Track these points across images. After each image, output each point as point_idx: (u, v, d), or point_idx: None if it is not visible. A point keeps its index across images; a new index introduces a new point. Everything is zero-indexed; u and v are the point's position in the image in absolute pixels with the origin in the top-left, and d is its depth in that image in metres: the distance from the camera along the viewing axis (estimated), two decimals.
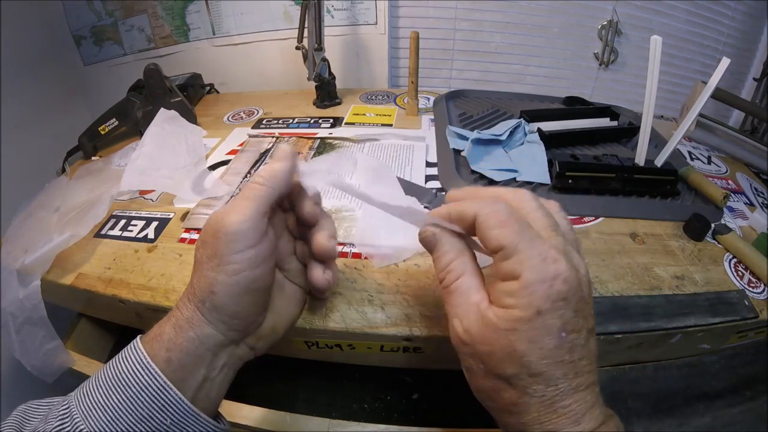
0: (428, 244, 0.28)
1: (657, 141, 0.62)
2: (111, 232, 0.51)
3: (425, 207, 0.50)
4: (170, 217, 0.52)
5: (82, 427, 0.24)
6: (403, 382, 0.45)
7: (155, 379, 0.25)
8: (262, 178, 0.28)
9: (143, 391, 0.25)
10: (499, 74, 0.99)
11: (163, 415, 0.25)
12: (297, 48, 0.73)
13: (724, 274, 0.44)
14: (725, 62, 0.47)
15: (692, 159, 0.64)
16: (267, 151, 0.64)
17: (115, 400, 0.24)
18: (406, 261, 0.43)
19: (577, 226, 0.49)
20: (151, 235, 0.49)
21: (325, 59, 0.76)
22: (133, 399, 0.24)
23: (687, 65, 0.98)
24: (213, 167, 0.62)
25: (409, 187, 0.53)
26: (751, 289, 0.43)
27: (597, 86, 1.00)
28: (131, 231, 0.50)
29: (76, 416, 0.24)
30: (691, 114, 0.53)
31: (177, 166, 0.59)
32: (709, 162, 0.65)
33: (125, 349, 0.26)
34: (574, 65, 0.98)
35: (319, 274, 0.32)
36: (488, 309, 0.23)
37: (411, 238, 0.44)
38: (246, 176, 0.58)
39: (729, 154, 0.67)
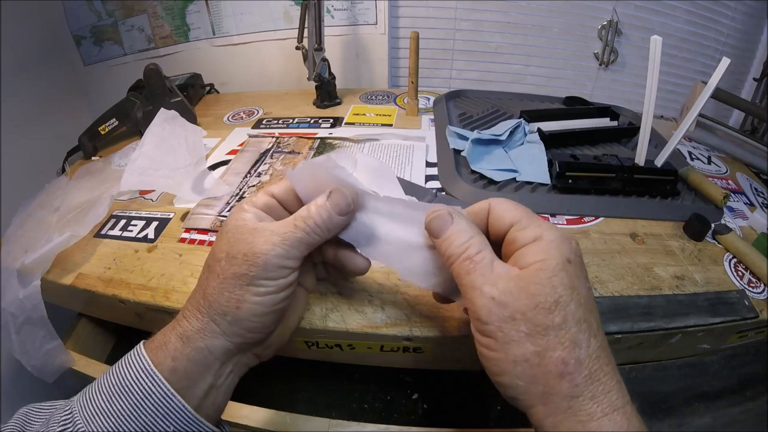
0: (442, 221, 0.27)
1: (657, 141, 0.62)
2: (111, 232, 0.51)
3: None
4: (170, 217, 0.52)
5: None
6: (403, 382, 0.45)
7: (159, 386, 0.25)
8: (320, 229, 0.27)
9: (147, 398, 0.24)
10: (499, 74, 0.99)
11: (167, 422, 0.25)
12: (297, 48, 0.73)
13: (724, 274, 0.44)
14: (725, 62, 0.47)
15: (692, 159, 0.64)
16: (267, 151, 0.64)
17: (118, 406, 0.24)
18: None
19: (577, 226, 0.49)
20: (151, 235, 0.49)
21: (325, 59, 0.76)
22: (137, 406, 0.24)
23: (687, 65, 0.98)
24: (213, 167, 0.62)
25: (409, 187, 0.53)
26: (751, 289, 0.43)
27: (597, 86, 1.00)
28: (131, 231, 0.50)
29: (78, 421, 0.24)
30: (691, 114, 0.53)
31: (177, 166, 0.59)
32: (709, 162, 0.65)
33: (128, 355, 0.26)
34: (574, 65, 0.98)
35: (359, 259, 0.31)
36: (520, 270, 0.24)
37: None
38: (246, 176, 0.58)
39: (729, 154, 0.67)
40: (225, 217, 0.49)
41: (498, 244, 0.28)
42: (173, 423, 0.25)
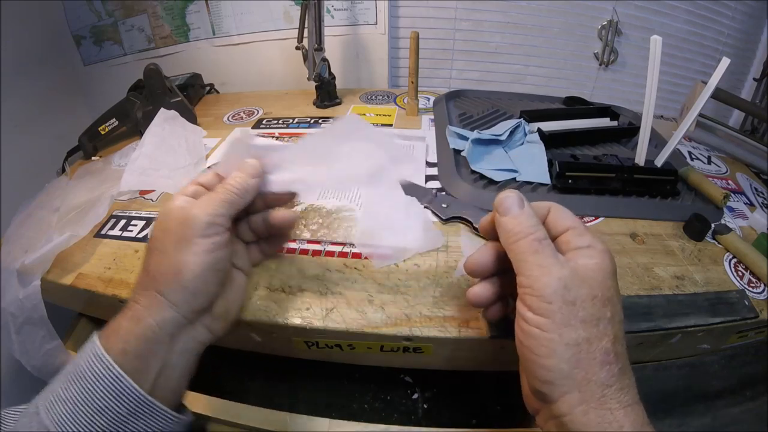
0: (514, 201, 0.29)
1: (657, 141, 0.62)
2: (111, 232, 0.51)
3: (425, 207, 0.50)
4: None
5: (47, 422, 0.25)
6: (403, 382, 0.45)
7: (109, 369, 0.26)
8: (237, 189, 0.32)
9: (98, 381, 0.25)
10: (499, 74, 0.99)
11: (120, 404, 0.26)
12: (297, 48, 0.73)
13: (724, 274, 0.44)
14: (725, 62, 0.47)
15: (692, 159, 0.64)
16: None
17: (73, 392, 0.25)
18: (406, 261, 0.43)
19: None
20: (151, 235, 0.49)
21: (325, 59, 0.76)
22: (90, 390, 0.25)
23: (687, 65, 0.97)
24: (213, 167, 0.62)
25: (409, 187, 0.53)
26: (751, 289, 0.43)
27: (597, 86, 1.00)
28: (131, 231, 0.50)
29: (41, 412, 0.25)
30: (691, 114, 0.53)
31: (177, 166, 0.59)
32: (709, 162, 0.65)
33: (84, 345, 0.28)
34: (574, 65, 0.98)
35: (283, 213, 0.36)
36: (578, 266, 0.27)
37: (411, 238, 0.45)
38: None
39: (729, 154, 0.67)
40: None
41: None
42: (126, 405, 0.26)
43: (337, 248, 0.45)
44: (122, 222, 0.52)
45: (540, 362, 0.25)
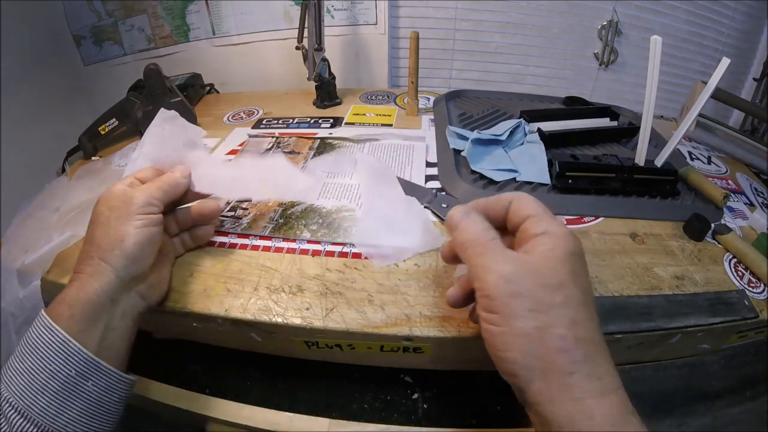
0: (459, 215, 0.31)
1: (657, 141, 0.62)
2: None
3: (425, 207, 0.50)
4: None
5: (6, 395, 0.27)
6: (403, 382, 0.45)
7: (56, 334, 0.29)
8: (169, 184, 0.39)
9: (48, 348, 0.28)
10: (499, 74, 0.99)
11: (69, 366, 0.28)
12: (297, 48, 0.73)
13: (724, 274, 0.44)
14: (725, 62, 0.47)
15: (692, 159, 0.64)
16: (267, 151, 0.64)
17: (29, 363, 0.28)
18: (406, 261, 0.43)
19: (577, 226, 0.49)
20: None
21: (325, 59, 0.76)
22: (42, 358, 0.28)
23: (687, 65, 0.98)
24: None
25: (409, 187, 0.53)
26: (751, 289, 0.43)
27: (597, 86, 1.00)
28: None
29: (2, 387, 0.28)
30: (691, 114, 0.53)
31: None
32: (709, 162, 0.65)
33: (34, 320, 0.30)
34: (574, 65, 0.98)
35: (211, 202, 0.43)
36: (529, 256, 0.27)
37: (411, 238, 0.45)
38: None
39: (729, 154, 0.67)
40: (225, 217, 0.50)
41: (513, 235, 0.31)
42: (75, 366, 0.29)
43: (337, 248, 0.45)
44: None
45: (500, 356, 0.26)
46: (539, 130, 0.62)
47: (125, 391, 0.32)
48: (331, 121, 0.74)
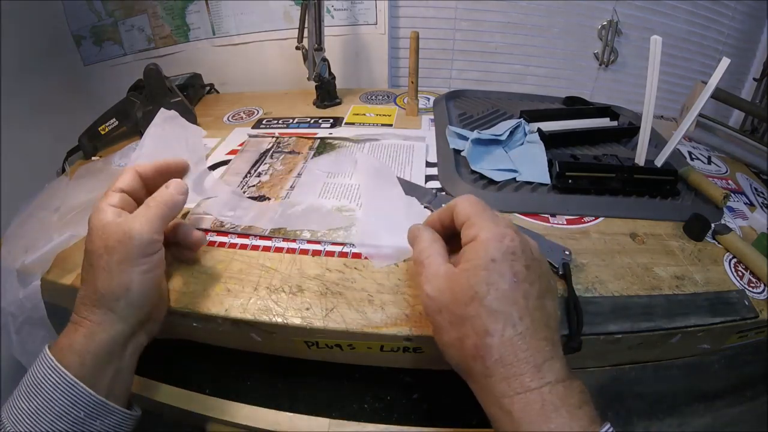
0: (413, 235, 0.34)
1: (657, 141, 0.62)
2: None
3: (425, 207, 0.50)
4: None
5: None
6: (403, 382, 0.45)
7: (64, 378, 0.28)
8: (167, 205, 0.35)
9: (56, 391, 0.28)
10: (499, 74, 0.99)
11: (78, 409, 0.28)
12: (297, 48, 0.73)
13: (724, 274, 0.44)
14: (725, 62, 0.47)
15: (692, 159, 0.64)
16: (267, 151, 0.64)
17: (35, 404, 0.28)
18: (406, 261, 0.43)
19: (577, 226, 0.49)
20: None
21: (325, 59, 0.76)
22: (49, 400, 0.28)
23: (687, 65, 0.97)
24: (213, 167, 0.62)
25: (409, 187, 0.53)
26: (751, 289, 0.43)
27: (597, 86, 1.00)
28: None
29: (7, 426, 0.28)
30: (691, 114, 0.53)
31: None
32: (709, 162, 0.65)
33: (37, 359, 0.30)
34: (574, 65, 0.98)
35: (197, 233, 0.41)
36: (453, 268, 0.29)
37: None
38: (246, 176, 0.58)
39: (729, 154, 0.67)
40: (226, 217, 0.49)
41: None
42: (84, 408, 0.29)
43: (337, 248, 0.45)
44: None
45: (446, 359, 0.29)
46: (539, 130, 0.62)
47: (132, 426, 0.33)
48: (331, 121, 0.74)
